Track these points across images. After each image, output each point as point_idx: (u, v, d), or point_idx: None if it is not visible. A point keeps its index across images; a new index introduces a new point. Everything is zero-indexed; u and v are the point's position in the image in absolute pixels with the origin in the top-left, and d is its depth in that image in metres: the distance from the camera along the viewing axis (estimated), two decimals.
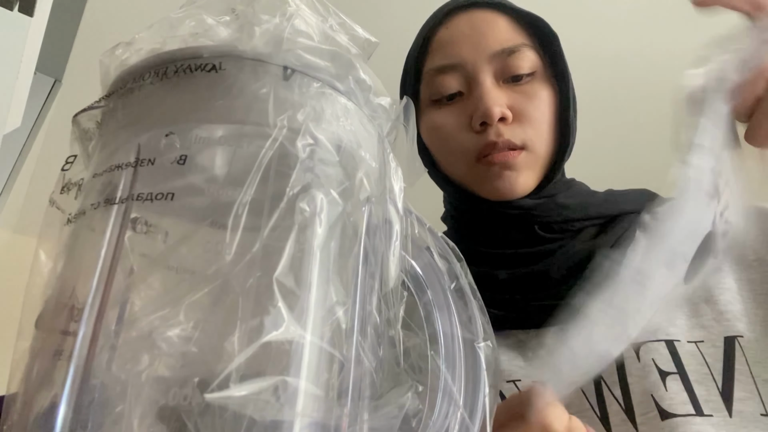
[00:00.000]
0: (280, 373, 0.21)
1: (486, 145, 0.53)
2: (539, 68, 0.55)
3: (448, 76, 0.55)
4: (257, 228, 0.23)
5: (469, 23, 0.56)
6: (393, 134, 0.31)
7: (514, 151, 0.53)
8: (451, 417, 0.27)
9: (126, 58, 0.28)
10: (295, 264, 0.23)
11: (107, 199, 0.24)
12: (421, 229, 0.32)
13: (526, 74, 0.54)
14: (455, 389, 0.28)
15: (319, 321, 0.23)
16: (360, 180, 0.27)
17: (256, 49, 0.26)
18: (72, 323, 0.22)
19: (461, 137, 0.54)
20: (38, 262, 0.26)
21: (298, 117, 0.25)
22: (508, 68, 0.54)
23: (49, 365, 0.22)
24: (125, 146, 0.25)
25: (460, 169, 0.56)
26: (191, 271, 0.23)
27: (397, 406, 0.25)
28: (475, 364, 0.29)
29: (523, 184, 0.54)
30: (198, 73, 0.25)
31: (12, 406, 0.23)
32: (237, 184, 0.23)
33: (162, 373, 0.21)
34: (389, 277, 0.27)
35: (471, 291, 0.31)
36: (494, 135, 0.52)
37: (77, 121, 0.29)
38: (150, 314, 0.22)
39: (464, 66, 0.54)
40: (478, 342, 0.30)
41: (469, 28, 0.55)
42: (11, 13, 0.59)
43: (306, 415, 0.22)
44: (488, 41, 0.54)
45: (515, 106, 0.53)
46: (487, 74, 0.54)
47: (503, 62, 0.54)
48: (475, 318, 0.31)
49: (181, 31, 0.28)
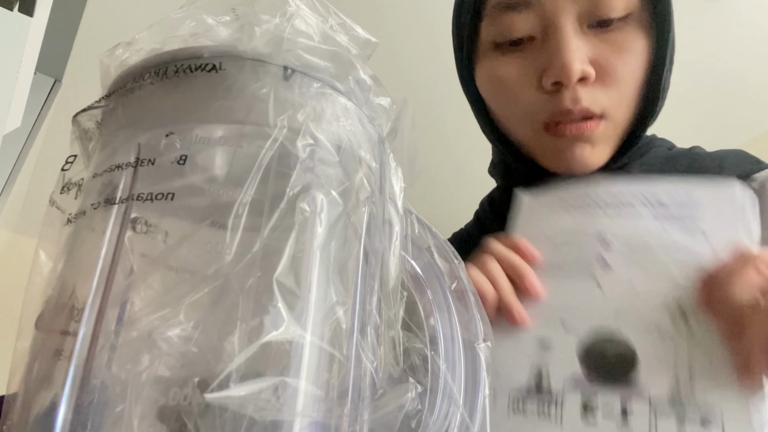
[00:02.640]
0: (280, 373, 0.21)
1: (558, 112, 0.42)
2: (636, 9, 0.43)
3: (519, 14, 0.43)
4: (257, 228, 0.23)
5: None
6: (393, 134, 0.31)
7: (591, 121, 0.42)
8: (451, 417, 0.27)
9: (126, 58, 0.28)
10: (295, 264, 0.23)
11: (107, 199, 0.24)
12: (421, 229, 0.32)
13: (619, 18, 0.42)
14: (455, 389, 0.28)
15: (319, 321, 0.23)
16: (360, 180, 0.27)
17: (257, 49, 0.26)
18: (72, 323, 0.22)
19: (527, 97, 0.44)
20: (38, 262, 0.26)
21: (298, 117, 0.25)
22: (598, 9, 0.41)
23: (49, 365, 0.22)
24: (125, 146, 0.25)
25: (523, 134, 0.47)
26: (191, 271, 0.23)
27: (397, 406, 0.25)
28: (475, 364, 0.29)
29: (597, 159, 0.44)
30: (198, 73, 0.25)
31: (12, 406, 0.23)
32: (237, 184, 0.23)
33: (162, 373, 0.21)
34: (389, 277, 0.27)
35: (471, 292, 0.31)
36: (570, 101, 0.42)
37: (77, 121, 0.29)
38: (150, 314, 0.22)
39: (541, 4, 0.42)
40: (478, 342, 0.30)
41: None
42: (11, 13, 0.59)
43: (306, 415, 0.22)
44: None
45: (600, 60, 0.42)
46: (569, 16, 0.41)
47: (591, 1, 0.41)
48: (475, 318, 0.31)
49: (181, 31, 0.28)
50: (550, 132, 0.44)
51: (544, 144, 0.45)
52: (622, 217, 0.38)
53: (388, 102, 0.31)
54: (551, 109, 0.43)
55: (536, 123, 0.44)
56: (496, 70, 0.45)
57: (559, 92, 0.42)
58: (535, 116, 0.44)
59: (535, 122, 0.44)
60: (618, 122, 0.44)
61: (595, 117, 0.43)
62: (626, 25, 0.42)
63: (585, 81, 0.42)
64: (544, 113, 0.43)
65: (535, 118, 0.44)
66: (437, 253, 0.32)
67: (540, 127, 0.44)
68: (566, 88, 0.42)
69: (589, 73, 0.41)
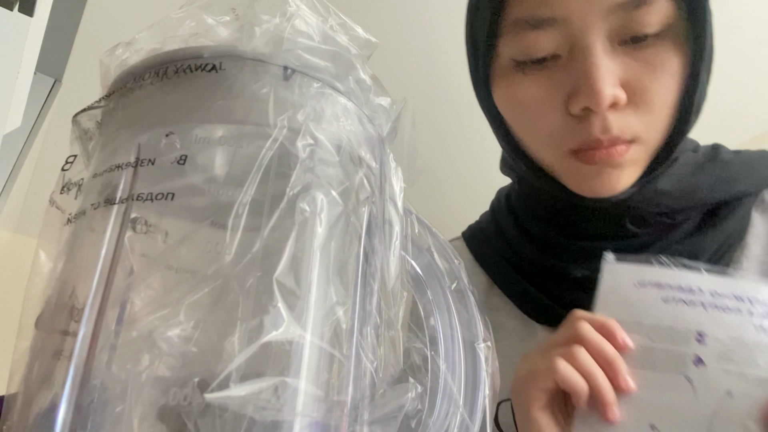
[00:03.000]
0: (280, 373, 0.21)
1: (586, 141, 0.39)
2: (672, 21, 0.38)
3: (543, 32, 0.38)
4: (257, 228, 0.23)
5: None
6: (393, 134, 0.31)
7: (621, 146, 0.39)
8: (451, 417, 0.27)
9: (126, 58, 0.28)
10: (295, 264, 0.23)
11: (107, 199, 0.24)
12: (421, 229, 0.32)
13: (653, 34, 0.38)
14: (455, 389, 0.28)
15: (319, 321, 0.23)
16: (360, 180, 0.27)
17: (257, 50, 0.26)
18: (72, 323, 0.22)
19: (552, 121, 0.40)
20: (38, 262, 0.26)
21: (298, 117, 0.25)
22: (631, 26, 0.37)
23: (49, 365, 0.22)
24: (125, 146, 0.25)
25: (547, 157, 0.43)
26: (191, 271, 0.23)
27: (397, 406, 0.25)
28: (475, 364, 0.29)
29: (626, 183, 0.41)
30: (198, 73, 0.25)
31: (12, 406, 0.23)
32: (237, 184, 0.23)
33: (162, 373, 0.21)
34: (389, 277, 0.27)
35: (471, 292, 0.31)
36: (599, 129, 0.38)
37: (77, 121, 0.29)
38: (150, 314, 0.22)
39: (568, 21, 0.37)
40: (478, 342, 0.30)
41: None
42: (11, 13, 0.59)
43: (306, 415, 0.22)
44: None
45: (632, 82, 0.38)
46: (599, 34, 0.37)
47: (624, 17, 0.37)
48: (475, 318, 0.31)
49: (182, 31, 0.28)
50: (578, 158, 0.41)
51: (570, 169, 0.42)
52: (721, 315, 0.36)
53: (388, 102, 0.31)
54: (579, 137, 0.40)
55: (562, 148, 0.41)
56: (518, 90, 0.41)
57: (587, 118, 0.39)
58: (561, 142, 0.41)
59: (561, 148, 0.41)
60: (649, 145, 0.41)
61: (626, 142, 0.40)
62: (661, 41, 0.38)
63: (616, 106, 0.38)
64: (572, 140, 0.40)
65: (562, 143, 0.41)
66: (437, 253, 0.32)
67: (567, 152, 0.41)
68: (596, 114, 0.38)
69: (620, 98, 0.38)
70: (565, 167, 0.42)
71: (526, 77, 0.41)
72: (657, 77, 0.38)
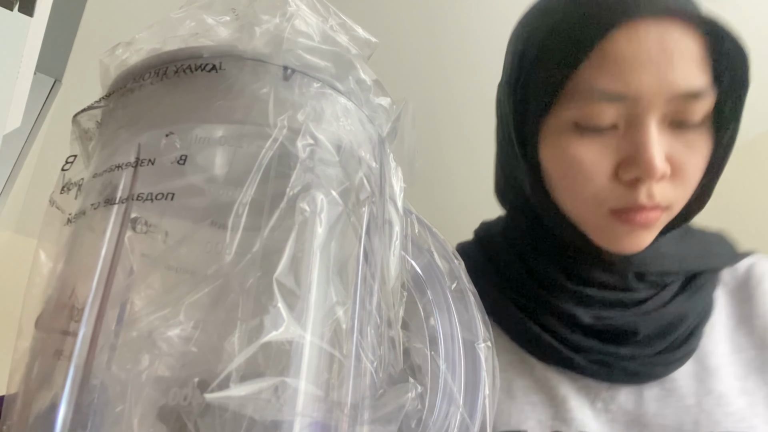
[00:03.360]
0: (280, 373, 0.21)
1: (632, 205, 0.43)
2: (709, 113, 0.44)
3: (612, 105, 0.42)
4: (257, 228, 0.23)
5: (659, 41, 0.41)
6: (393, 134, 0.31)
7: (657, 212, 0.43)
8: (451, 417, 0.27)
9: (126, 58, 0.28)
10: (295, 264, 0.23)
11: (107, 199, 0.24)
12: (421, 229, 0.32)
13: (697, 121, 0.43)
14: (455, 389, 0.28)
15: (319, 321, 0.23)
16: (360, 180, 0.27)
17: (257, 49, 0.26)
18: (72, 323, 0.22)
19: (601, 184, 0.43)
20: (38, 262, 0.26)
21: (298, 117, 0.25)
22: (683, 114, 0.42)
23: (49, 365, 0.22)
24: (125, 146, 0.25)
25: (582, 214, 0.46)
26: (191, 271, 0.23)
27: (397, 406, 0.25)
28: (475, 364, 0.29)
29: (648, 242, 0.46)
30: (198, 73, 0.25)
31: (12, 406, 0.23)
32: (237, 184, 0.23)
33: (162, 373, 0.21)
34: (389, 277, 0.27)
35: (471, 292, 0.31)
36: (646, 196, 0.42)
37: (77, 121, 0.29)
38: (150, 314, 0.22)
39: (638, 100, 0.41)
40: (478, 342, 0.30)
41: (659, 51, 0.41)
42: (11, 13, 0.59)
43: (306, 415, 0.22)
44: (677, 77, 0.41)
45: (675, 158, 0.43)
46: (656, 116, 0.42)
47: (680, 106, 0.42)
48: (475, 318, 0.31)
49: (182, 31, 0.28)
50: (617, 217, 0.44)
51: (605, 227, 0.45)
52: None
53: (388, 102, 0.31)
54: (626, 202, 0.43)
55: (604, 208, 0.44)
56: (572, 150, 0.44)
57: (635, 186, 0.42)
58: (604, 202, 0.44)
59: (603, 207, 0.44)
60: (674, 212, 0.46)
61: (662, 209, 0.44)
62: (700, 128, 0.43)
63: (661, 178, 0.42)
64: (615, 202, 0.43)
65: (605, 203, 0.44)
66: (437, 253, 0.32)
67: (607, 211, 0.44)
68: (643, 182, 0.42)
69: (667, 172, 0.42)
70: (600, 224, 0.45)
71: (583, 140, 0.44)
72: (695, 157, 0.43)
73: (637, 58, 0.41)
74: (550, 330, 0.48)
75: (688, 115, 0.42)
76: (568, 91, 0.43)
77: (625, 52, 0.41)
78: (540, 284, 0.50)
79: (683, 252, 0.50)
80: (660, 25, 0.41)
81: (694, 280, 0.50)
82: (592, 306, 0.48)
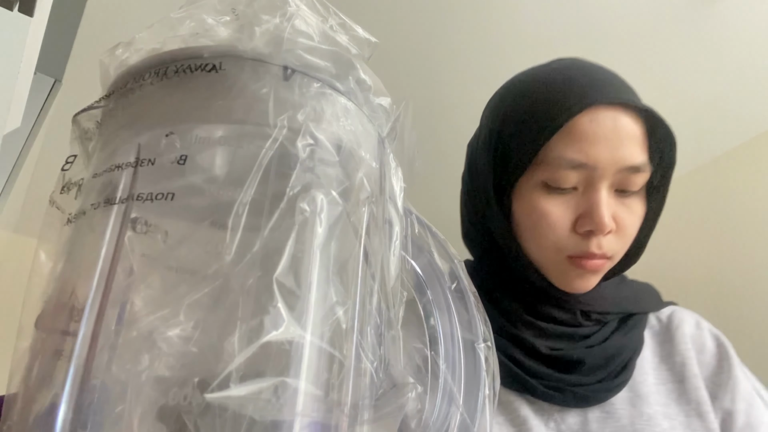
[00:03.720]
0: (280, 373, 0.21)
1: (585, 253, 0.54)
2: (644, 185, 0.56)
3: (575, 171, 0.53)
4: (257, 228, 0.23)
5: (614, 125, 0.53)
6: (393, 134, 0.31)
7: (603, 260, 0.55)
8: (451, 417, 0.27)
9: (126, 58, 0.28)
10: (295, 264, 0.23)
11: (107, 199, 0.24)
12: (421, 229, 0.32)
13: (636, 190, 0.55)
14: (455, 389, 0.28)
15: (319, 321, 0.23)
16: (360, 180, 0.27)
17: (257, 49, 0.26)
18: (72, 323, 0.22)
19: (561, 234, 0.54)
20: (38, 262, 0.26)
21: (298, 117, 0.25)
22: (626, 183, 0.54)
23: (49, 365, 0.22)
24: (125, 146, 0.25)
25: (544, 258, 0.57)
26: (191, 271, 0.23)
27: (397, 406, 0.25)
28: (475, 364, 0.29)
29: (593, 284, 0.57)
30: (198, 73, 0.25)
31: (12, 406, 0.23)
32: (237, 184, 0.23)
33: (162, 373, 0.21)
34: (389, 277, 0.27)
35: (471, 292, 0.31)
36: (596, 246, 0.53)
37: (77, 121, 0.29)
38: (150, 314, 0.22)
39: (594, 169, 0.52)
40: (478, 342, 0.30)
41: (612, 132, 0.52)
42: (11, 13, 0.59)
43: (306, 415, 0.22)
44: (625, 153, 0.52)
45: (618, 218, 0.54)
46: (607, 182, 0.53)
47: (625, 177, 0.53)
48: (475, 318, 0.31)
49: (182, 31, 0.28)
50: (572, 263, 0.55)
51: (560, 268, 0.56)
52: None
53: (388, 102, 0.31)
54: (581, 250, 0.54)
55: (563, 254, 0.55)
56: (540, 205, 0.54)
57: (588, 238, 0.53)
58: (562, 251, 0.54)
59: (561, 254, 0.55)
60: (615, 261, 0.57)
61: (607, 258, 0.55)
62: (637, 194, 0.55)
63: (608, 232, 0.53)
64: (573, 251, 0.54)
65: (563, 250, 0.54)
66: (437, 253, 0.32)
67: (564, 257, 0.55)
68: (596, 235, 0.53)
69: (613, 227, 0.53)
70: (558, 268, 0.56)
71: (550, 198, 0.54)
72: (633, 217, 0.55)
73: (596, 135, 0.52)
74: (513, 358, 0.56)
75: (630, 185, 0.54)
76: (539, 158, 0.54)
77: (587, 131, 0.52)
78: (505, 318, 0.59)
79: (620, 296, 0.62)
80: (614, 111, 0.53)
81: (628, 320, 0.61)
82: (548, 338, 0.57)
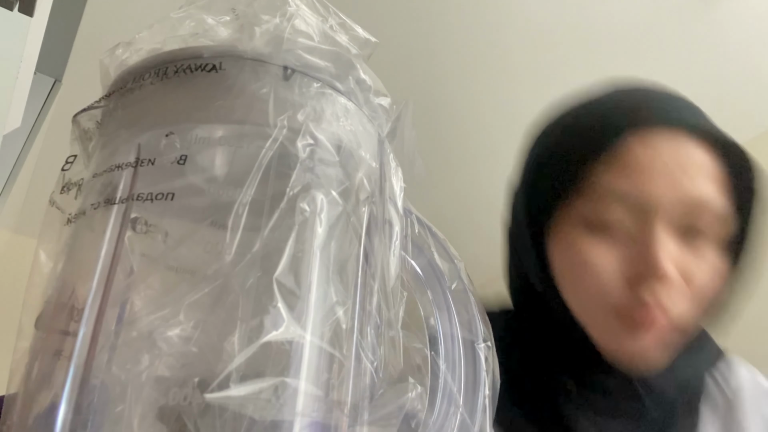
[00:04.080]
0: (280, 373, 0.21)
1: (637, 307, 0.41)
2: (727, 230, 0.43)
3: (622, 206, 0.41)
4: (257, 228, 0.23)
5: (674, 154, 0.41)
6: (393, 134, 0.31)
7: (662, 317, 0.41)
8: (451, 417, 0.27)
9: (126, 58, 0.28)
10: (295, 264, 0.23)
11: (107, 199, 0.24)
12: (421, 229, 0.32)
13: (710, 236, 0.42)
14: (455, 389, 0.28)
15: (319, 321, 0.23)
16: (360, 180, 0.27)
17: (257, 49, 0.26)
18: (72, 323, 0.22)
19: (608, 283, 0.42)
20: (38, 262, 0.26)
21: (298, 117, 0.25)
22: (695, 223, 0.42)
23: (49, 365, 0.22)
24: (125, 146, 0.25)
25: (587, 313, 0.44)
26: (191, 271, 0.23)
27: (397, 406, 0.25)
28: (475, 364, 0.29)
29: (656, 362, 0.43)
30: (198, 73, 0.25)
31: (12, 406, 0.23)
32: (237, 184, 0.23)
33: (162, 373, 0.21)
34: (389, 277, 0.27)
35: (471, 292, 0.31)
36: (650, 294, 0.41)
37: (77, 121, 0.29)
38: (150, 314, 0.22)
39: (647, 203, 0.41)
40: (478, 342, 0.30)
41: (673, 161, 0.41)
42: (11, 13, 0.59)
43: (306, 415, 0.22)
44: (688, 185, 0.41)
45: (684, 268, 0.41)
46: (667, 220, 0.41)
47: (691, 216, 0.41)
48: (475, 318, 0.31)
49: (182, 31, 0.28)
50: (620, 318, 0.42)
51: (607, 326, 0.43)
52: None
53: (388, 102, 0.31)
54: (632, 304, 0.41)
55: (608, 309, 0.42)
56: (583, 250, 0.43)
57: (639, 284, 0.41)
58: (609, 304, 0.42)
59: (607, 308, 0.42)
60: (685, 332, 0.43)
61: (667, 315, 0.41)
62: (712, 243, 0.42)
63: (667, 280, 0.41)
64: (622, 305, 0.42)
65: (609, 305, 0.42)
66: (437, 253, 0.32)
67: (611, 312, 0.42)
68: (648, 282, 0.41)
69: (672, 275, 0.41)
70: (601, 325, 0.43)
71: (593, 238, 0.43)
72: (705, 268, 0.42)
73: (652, 164, 0.41)
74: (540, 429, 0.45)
75: (701, 226, 0.42)
76: (580, 188, 0.43)
77: (639, 157, 0.41)
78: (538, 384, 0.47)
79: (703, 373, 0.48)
80: (676, 138, 0.41)
81: None
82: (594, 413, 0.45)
